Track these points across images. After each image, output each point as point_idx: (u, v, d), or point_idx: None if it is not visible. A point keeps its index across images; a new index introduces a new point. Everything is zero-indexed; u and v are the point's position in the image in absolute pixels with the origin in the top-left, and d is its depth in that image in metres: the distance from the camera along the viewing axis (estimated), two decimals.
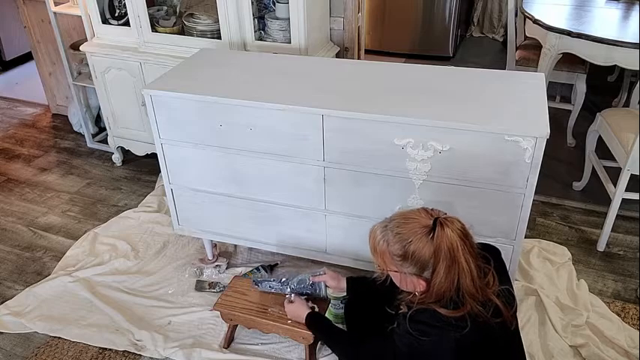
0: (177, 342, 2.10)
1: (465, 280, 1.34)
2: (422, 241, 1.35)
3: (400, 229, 1.40)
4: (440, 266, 1.33)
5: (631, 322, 2.15)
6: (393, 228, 1.41)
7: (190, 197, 2.26)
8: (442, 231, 1.34)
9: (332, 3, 2.86)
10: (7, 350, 2.13)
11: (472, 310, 1.33)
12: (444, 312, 1.33)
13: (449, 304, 1.35)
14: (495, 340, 1.39)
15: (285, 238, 2.21)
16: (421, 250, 1.35)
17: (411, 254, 1.36)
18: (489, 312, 1.34)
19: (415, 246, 1.36)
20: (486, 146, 1.71)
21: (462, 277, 1.34)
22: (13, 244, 2.74)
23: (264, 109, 1.92)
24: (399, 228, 1.40)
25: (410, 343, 1.38)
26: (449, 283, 1.34)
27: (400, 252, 1.38)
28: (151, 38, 2.88)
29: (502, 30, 5.21)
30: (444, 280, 1.34)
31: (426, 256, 1.35)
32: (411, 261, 1.37)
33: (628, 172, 2.38)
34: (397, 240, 1.39)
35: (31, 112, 4.14)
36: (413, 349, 1.38)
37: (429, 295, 1.37)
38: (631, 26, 2.85)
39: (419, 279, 1.39)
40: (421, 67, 2.23)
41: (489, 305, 1.36)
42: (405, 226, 1.39)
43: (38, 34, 3.68)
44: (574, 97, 3.38)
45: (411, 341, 1.38)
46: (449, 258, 1.33)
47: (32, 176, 3.31)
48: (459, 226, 1.37)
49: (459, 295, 1.34)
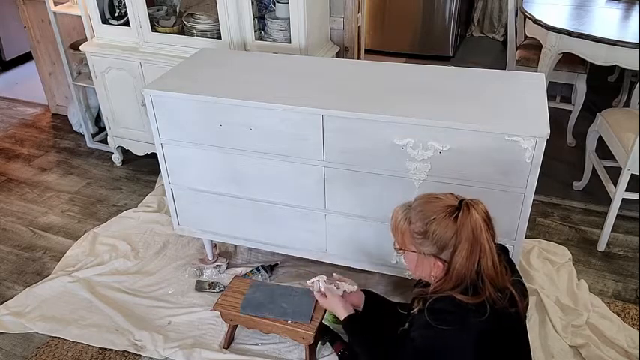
0: (177, 342, 2.09)
1: (487, 261, 1.33)
2: (445, 219, 1.34)
3: (424, 207, 1.39)
4: (462, 246, 1.32)
5: (631, 322, 2.15)
6: (416, 207, 1.41)
7: (190, 197, 2.26)
8: (467, 211, 1.33)
9: (332, 3, 2.86)
10: (7, 350, 2.13)
11: (490, 296, 1.31)
12: (462, 297, 1.32)
13: (468, 289, 1.33)
14: (512, 330, 1.38)
15: (286, 238, 2.21)
16: (444, 229, 1.34)
17: (433, 232, 1.35)
18: (506, 300, 1.34)
19: (438, 224, 1.34)
20: (486, 146, 1.71)
21: (484, 258, 1.32)
22: (13, 244, 2.74)
23: (264, 109, 1.92)
24: (423, 206, 1.40)
25: (429, 337, 1.35)
26: (470, 264, 1.32)
27: (421, 229, 1.37)
28: (151, 38, 2.87)
29: (502, 30, 5.21)
30: (465, 260, 1.32)
31: (447, 235, 1.34)
32: (432, 239, 1.36)
33: (628, 172, 2.37)
34: (420, 217, 1.38)
35: (31, 112, 4.14)
36: (432, 343, 1.36)
37: (448, 278, 1.35)
38: (631, 26, 2.85)
39: (436, 260, 1.37)
40: (421, 67, 2.23)
41: (506, 293, 1.35)
42: (430, 205, 1.39)
43: (38, 34, 3.68)
44: (574, 97, 3.38)
45: (430, 335, 1.35)
46: (472, 238, 1.31)
47: (32, 176, 3.31)
48: (484, 208, 1.36)
49: (479, 279, 1.33)
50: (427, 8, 4.64)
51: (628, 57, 2.62)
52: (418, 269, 1.44)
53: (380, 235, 2.02)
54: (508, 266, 1.44)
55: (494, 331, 1.33)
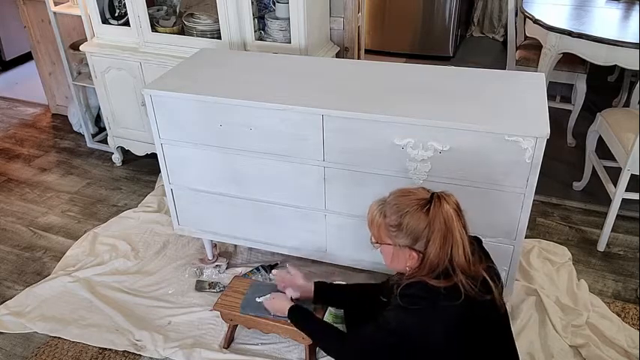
0: (177, 342, 2.09)
1: (458, 251, 1.39)
2: (418, 212, 1.41)
3: (398, 201, 1.46)
4: (435, 236, 1.38)
5: (631, 322, 2.15)
6: (390, 201, 1.47)
7: (190, 197, 2.26)
8: (439, 203, 1.40)
9: (332, 3, 2.86)
10: (7, 350, 2.13)
11: (462, 283, 1.36)
12: (434, 282, 1.38)
13: (440, 276, 1.38)
14: (486, 318, 1.42)
15: (286, 238, 2.21)
16: (417, 221, 1.40)
17: (406, 224, 1.41)
18: (478, 286, 1.38)
19: (411, 216, 1.41)
20: (486, 146, 1.71)
21: (455, 248, 1.39)
22: (13, 244, 2.74)
23: (264, 109, 1.92)
24: (396, 199, 1.46)
25: (400, 319, 1.41)
26: (443, 253, 1.38)
27: (396, 222, 1.43)
28: (151, 38, 2.87)
29: (502, 30, 5.21)
30: (438, 249, 1.38)
31: (420, 227, 1.40)
32: (406, 231, 1.42)
33: (628, 172, 2.37)
34: (394, 211, 1.44)
35: (30, 112, 4.14)
36: (403, 325, 1.41)
37: (422, 267, 1.42)
38: (631, 26, 2.85)
39: (411, 251, 1.43)
40: (421, 67, 2.23)
41: (478, 280, 1.40)
42: (403, 198, 1.45)
43: (38, 34, 3.68)
44: (574, 97, 3.38)
45: (401, 316, 1.41)
46: (444, 229, 1.38)
47: (32, 176, 3.31)
48: (455, 200, 1.44)
49: (452, 267, 1.38)
50: (427, 8, 4.64)
51: (628, 57, 2.62)
52: (394, 262, 1.50)
53: None
54: (482, 255, 1.49)
55: (468, 317, 1.38)
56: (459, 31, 4.91)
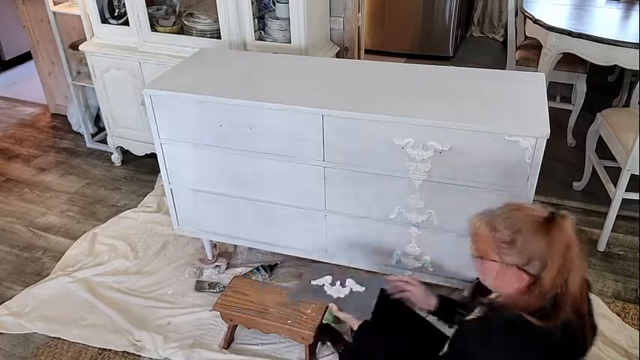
0: (177, 342, 2.09)
1: (575, 279, 1.25)
2: (536, 230, 1.25)
3: (511, 215, 1.30)
4: (553, 260, 1.22)
5: (631, 322, 2.15)
6: (501, 214, 1.32)
7: (190, 197, 2.26)
8: (561, 225, 1.24)
9: (332, 3, 2.85)
10: (7, 351, 2.12)
11: (566, 315, 1.22)
12: (533, 320, 1.22)
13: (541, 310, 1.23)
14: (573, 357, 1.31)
15: (286, 238, 2.20)
16: (534, 240, 1.24)
17: (521, 242, 1.25)
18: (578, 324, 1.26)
19: (528, 234, 1.25)
20: (486, 146, 1.71)
21: (572, 275, 1.24)
22: (12, 244, 2.73)
23: (264, 109, 1.91)
24: (509, 214, 1.31)
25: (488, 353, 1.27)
26: (559, 279, 1.23)
27: (509, 238, 1.26)
28: (151, 38, 2.87)
29: (502, 30, 5.21)
30: (555, 274, 1.22)
31: (537, 247, 1.24)
32: (520, 250, 1.25)
33: (628, 172, 2.37)
34: (507, 225, 1.28)
35: (30, 112, 4.13)
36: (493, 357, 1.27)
37: (531, 291, 1.26)
38: (631, 26, 2.85)
39: (521, 272, 1.26)
40: (421, 67, 2.23)
41: (581, 319, 1.27)
42: (518, 213, 1.31)
43: (37, 33, 3.68)
44: (574, 97, 3.38)
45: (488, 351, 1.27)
46: (564, 253, 1.23)
47: (31, 176, 3.31)
48: (573, 223, 1.27)
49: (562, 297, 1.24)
50: (427, 8, 4.64)
51: (628, 57, 2.62)
52: (499, 281, 1.33)
53: (380, 235, 2.02)
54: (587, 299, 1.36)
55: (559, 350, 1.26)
56: (459, 31, 4.91)
